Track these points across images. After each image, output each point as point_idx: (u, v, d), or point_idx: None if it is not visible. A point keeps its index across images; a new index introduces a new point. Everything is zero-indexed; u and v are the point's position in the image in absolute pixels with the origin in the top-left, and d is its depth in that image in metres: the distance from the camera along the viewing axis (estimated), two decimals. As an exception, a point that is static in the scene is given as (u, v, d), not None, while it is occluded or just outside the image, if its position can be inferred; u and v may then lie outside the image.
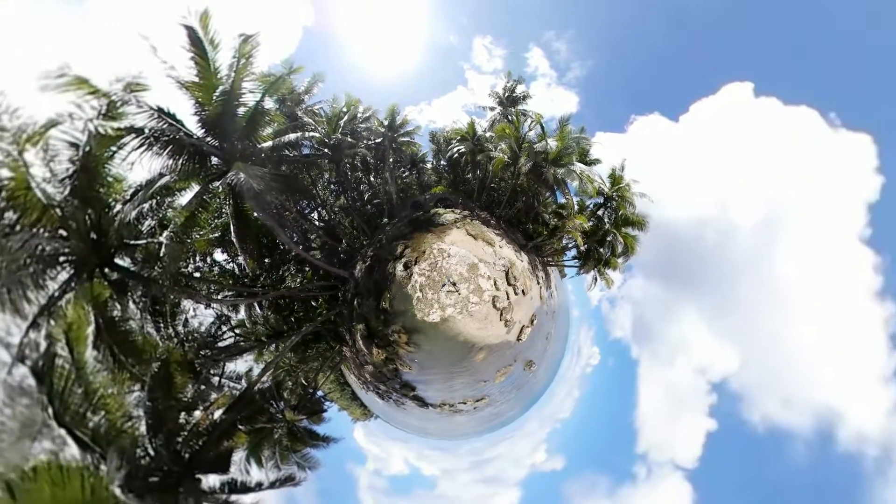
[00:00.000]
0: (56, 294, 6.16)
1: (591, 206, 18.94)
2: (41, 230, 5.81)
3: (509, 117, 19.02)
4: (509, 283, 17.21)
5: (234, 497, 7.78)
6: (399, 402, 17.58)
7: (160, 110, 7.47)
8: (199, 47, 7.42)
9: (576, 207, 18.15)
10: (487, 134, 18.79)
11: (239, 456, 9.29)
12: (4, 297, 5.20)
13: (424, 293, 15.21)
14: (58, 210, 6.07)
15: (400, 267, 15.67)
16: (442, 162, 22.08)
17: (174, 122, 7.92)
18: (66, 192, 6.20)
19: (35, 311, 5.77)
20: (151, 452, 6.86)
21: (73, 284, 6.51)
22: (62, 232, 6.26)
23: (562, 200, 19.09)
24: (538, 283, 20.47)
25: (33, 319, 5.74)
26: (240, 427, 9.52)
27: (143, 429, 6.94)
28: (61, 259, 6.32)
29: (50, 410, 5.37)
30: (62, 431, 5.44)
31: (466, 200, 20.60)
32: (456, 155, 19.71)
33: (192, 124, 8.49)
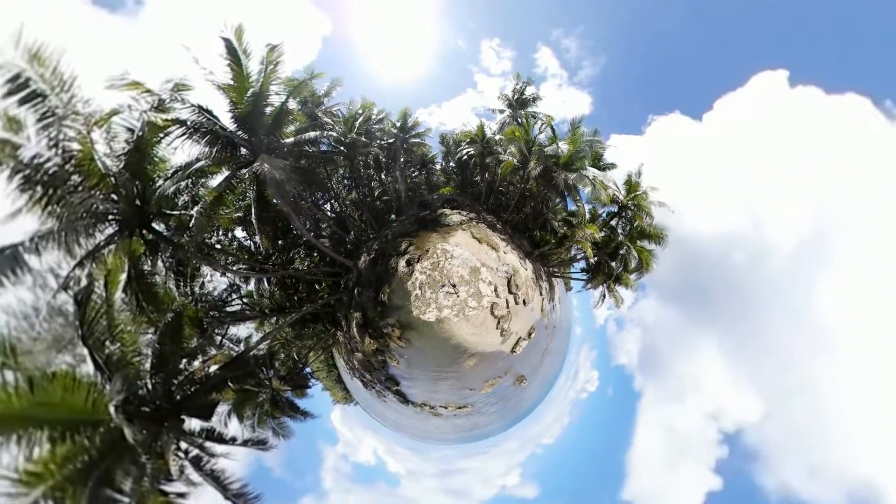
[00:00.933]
0: (101, 244, 7.86)
1: (604, 214, 17.79)
2: (97, 193, 7.55)
3: (519, 120, 18.71)
4: (510, 291, 16.74)
5: (208, 444, 8.77)
6: (381, 393, 17.98)
7: (200, 107, 9.17)
8: (233, 55, 9.05)
9: (587, 216, 17.23)
10: (497, 137, 18.73)
11: (223, 409, 10.50)
12: (61, 239, 6.85)
13: (423, 291, 15.33)
14: (112, 179, 7.84)
15: (402, 263, 16.02)
16: (451, 163, 22.54)
17: (211, 117, 9.60)
18: (121, 166, 7.98)
19: (83, 253, 7.43)
20: (149, 387, 8.15)
21: (115, 238, 8.22)
22: (113, 196, 8.02)
23: (572, 208, 18.27)
24: (541, 293, 19.62)
25: (80, 260, 7.40)
26: (229, 384, 10.73)
27: (147, 365, 8.30)
28: (110, 217, 8.06)
29: (78, 332, 6.83)
30: (84, 351, 6.84)
31: (473, 203, 20.64)
32: (465, 157, 19.94)
33: (227, 120, 10.17)
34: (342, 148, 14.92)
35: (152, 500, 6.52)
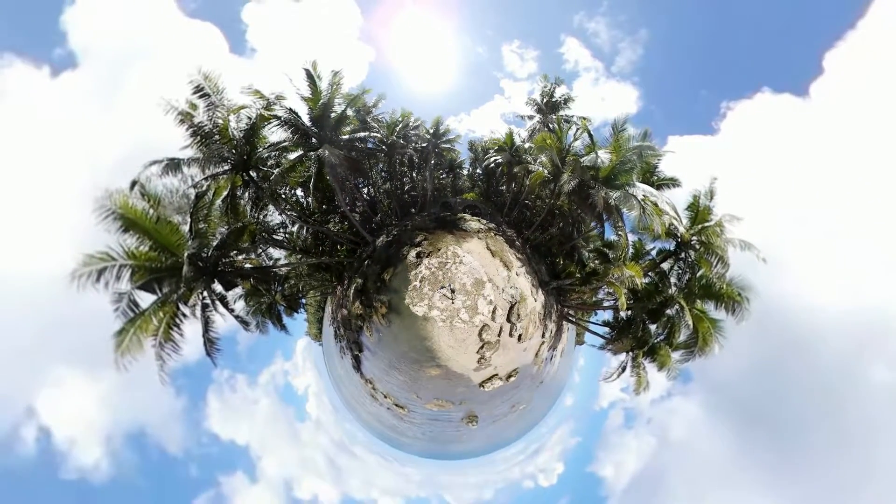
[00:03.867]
0: (219, 172, 14.80)
1: (654, 252, 13.26)
2: (226, 146, 14.46)
3: (550, 126, 16.84)
4: (509, 320, 15.47)
5: (217, 302, 14.30)
6: (343, 350, 20.81)
7: (290, 109, 15.53)
8: (311, 78, 15.12)
9: (630, 249, 13.16)
10: (526, 145, 17.48)
11: (237, 292, 16.37)
12: (201, 163, 13.77)
13: (422, 285, 15.90)
14: (235, 141, 14.74)
15: (413, 253, 17.05)
16: (478, 170, 23.01)
17: (296, 116, 15.90)
18: (241, 136, 14.87)
19: (209, 173, 14.35)
20: (209, 254, 14.34)
21: (228, 172, 15.13)
22: (233, 150, 14.93)
23: (611, 236, 14.49)
24: (543, 335, 16.97)
25: (206, 176, 14.36)
26: (250, 280, 16.66)
27: (214, 244, 14.64)
28: (228, 160, 15.01)
29: (191, 209, 13.38)
30: (188, 219, 13.33)
31: (495, 213, 20.32)
32: (492, 165, 19.45)
33: (305, 119, 16.39)
34: (384, 147, 19.61)
35: (168, 305, 11.96)
